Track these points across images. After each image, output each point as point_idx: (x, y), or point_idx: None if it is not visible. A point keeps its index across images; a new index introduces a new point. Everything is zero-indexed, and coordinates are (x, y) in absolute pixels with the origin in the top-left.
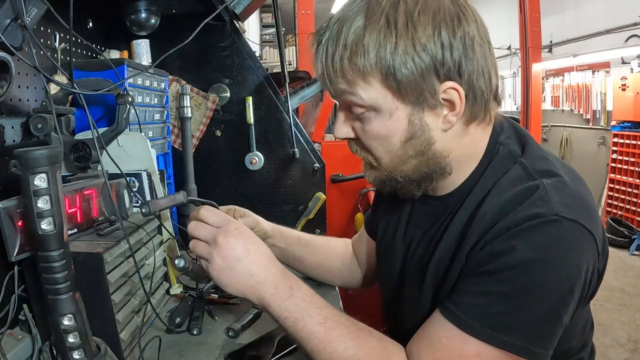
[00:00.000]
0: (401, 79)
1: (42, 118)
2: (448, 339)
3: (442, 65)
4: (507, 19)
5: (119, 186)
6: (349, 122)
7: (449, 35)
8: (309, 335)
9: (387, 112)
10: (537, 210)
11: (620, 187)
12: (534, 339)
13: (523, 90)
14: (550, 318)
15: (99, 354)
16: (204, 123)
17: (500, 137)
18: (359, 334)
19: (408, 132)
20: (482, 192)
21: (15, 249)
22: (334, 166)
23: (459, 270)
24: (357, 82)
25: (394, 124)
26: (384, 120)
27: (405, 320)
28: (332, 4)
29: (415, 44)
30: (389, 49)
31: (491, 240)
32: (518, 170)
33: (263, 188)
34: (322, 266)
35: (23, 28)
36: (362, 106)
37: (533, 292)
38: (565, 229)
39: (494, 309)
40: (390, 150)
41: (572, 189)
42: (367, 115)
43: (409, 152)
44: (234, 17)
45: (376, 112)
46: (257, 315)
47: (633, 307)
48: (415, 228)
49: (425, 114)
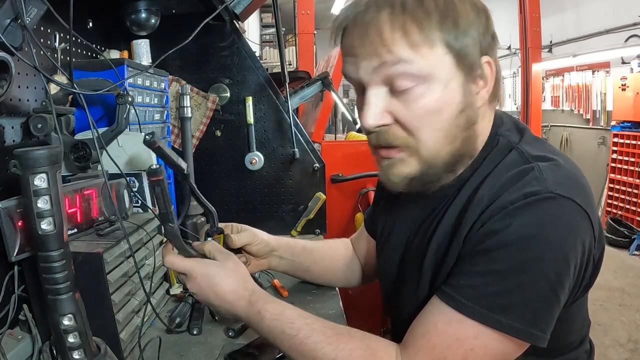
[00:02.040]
0: (463, 46)
1: (42, 118)
2: (444, 323)
3: (483, 39)
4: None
5: (119, 186)
6: (385, 103)
7: (485, 18)
8: (288, 350)
9: (444, 82)
10: (532, 189)
11: (620, 187)
12: (532, 320)
13: (523, 90)
14: (548, 298)
15: (99, 354)
16: (204, 123)
17: (501, 129)
18: (337, 337)
19: (462, 103)
20: (479, 179)
21: (15, 249)
22: (334, 166)
23: (456, 255)
24: (419, 47)
25: (449, 95)
26: (439, 91)
27: (405, 314)
28: (332, 4)
29: (469, 17)
30: (452, 18)
31: (487, 221)
32: (514, 155)
33: (263, 188)
34: (328, 272)
35: (23, 28)
36: (415, 76)
37: (529, 269)
38: (561, 206)
39: (490, 289)
40: (441, 127)
41: (567, 170)
42: (417, 89)
43: (460, 125)
44: (234, 17)
45: (429, 83)
46: None
47: (633, 307)
48: (412, 220)
49: (472, 86)
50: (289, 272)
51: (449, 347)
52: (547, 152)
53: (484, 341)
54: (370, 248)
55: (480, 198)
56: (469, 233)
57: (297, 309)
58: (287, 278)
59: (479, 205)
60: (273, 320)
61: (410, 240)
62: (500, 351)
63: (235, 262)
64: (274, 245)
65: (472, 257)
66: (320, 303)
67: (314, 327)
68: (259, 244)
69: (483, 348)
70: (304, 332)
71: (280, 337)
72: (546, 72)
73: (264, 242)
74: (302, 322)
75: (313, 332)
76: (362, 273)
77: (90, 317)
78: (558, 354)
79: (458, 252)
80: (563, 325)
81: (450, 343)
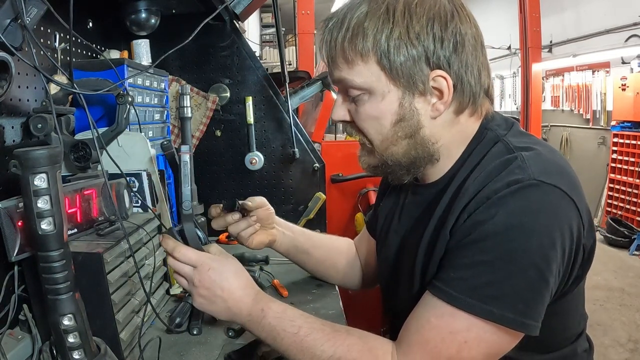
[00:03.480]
0: (394, 62)
1: (42, 118)
2: (437, 317)
3: (433, 54)
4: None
5: (119, 186)
6: (346, 105)
7: (441, 28)
8: (288, 347)
9: (380, 94)
10: (515, 177)
11: (620, 187)
12: (524, 309)
13: (523, 90)
14: (538, 285)
15: (99, 354)
16: (204, 123)
17: (490, 124)
18: (335, 335)
19: (398, 114)
20: (466, 172)
21: (15, 249)
22: (334, 166)
23: (444, 248)
24: (355, 63)
25: (386, 106)
26: (377, 102)
27: (402, 312)
28: (332, 4)
29: (409, 31)
30: (385, 34)
31: (472, 211)
32: (499, 146)
33: (263, 188)
34: (328, 261)
35: (23, 28)
36: (357, 88)
37: (517, 258)
38: (544, 192)
39: (480, 280)
40: (381, 131)
41: (551, 159)
42: (362, 97)
43: (398, 133)
44: (234, 17)
45: (370, 94)
46: None
47: (633, 307)
48: (407, 218)
49: (415, 99)
50: (291, 253)
51: (443, 340)
52: (532, 143)
53: (477, 333)
54: (371, 250)
55: (466, 189)
56: (455, 225)
57: (298, 310)
58: (287, 278)
59: (464, 196)
60: (275, 317)
61: (406, 238)
62: (494, 342)
63: (240, 266)
64: (278, 220)
65: (460, 249)
66: (320, 303)
67: (313, 326)
68: (268, 209)
69: (477, 340)
70: (304, 329)
71: (281, 334)
72: (546, 72)
73: (271, 210)
74: (302, 321)
75: (313, 330)
76: (362, 276)
77: (90, 317)
78: (554, 349)
79: (446, 244)
80: (558, 319)
81: (443, 337)
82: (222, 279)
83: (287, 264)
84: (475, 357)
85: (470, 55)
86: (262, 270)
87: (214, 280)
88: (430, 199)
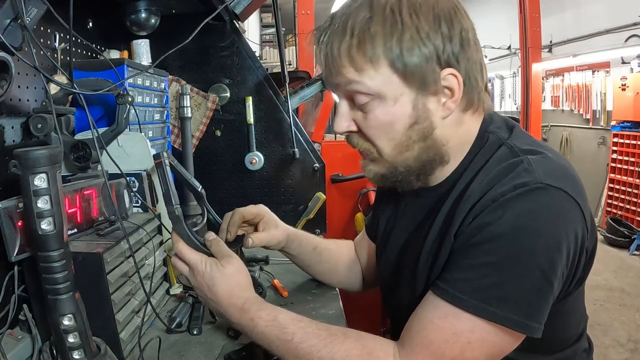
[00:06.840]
0: (408, 64)
1: (42, 118)
2: (440, 318)
3: (443, 52)
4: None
5: (119, 186)
6: (351, 114)
7: (447, 26)
8: (284, 354)
9: (392, 98)
10: (521, 180)
11: (620, 187)
12: (528, 311)
13: (523, 90)
14: (542, 288)
15: (99, 354)
16: (204, 123)
17: (490, 126)
18: (332, 339)
19: (412, 117)
20: (470, 176)
21: (15, 249)
22: (334, 166)
23: (448, 250)
24: (365, 70)
25: (399, 110)
26: (389, 106)
27: (403, 314)
28: (332, 4)
29: (419, 32)
30: (396, 37)
31: (478, 214)
32: (504, 150)
33: (263, 188)
34: (330, 273)
35: (23, 28)
36: (367, 94)
37: (522, 260)
38: (551, 196)
39: (485, 281)
40: (393, 137)
41: (557, 162)
42: (371, 104)
43: (412, 137)
44: (234, 17)
45: (380, 99)
46: None
47: (633, 307)
48: (409, 221)
49: (428, 99)
50: (291, 259)
51: (446, 341)
52: (536, 146)
53: (480, 334)
54: (370, 252)
55: (471, 192)
56: (460, 227)
57: (291, 313)
58: (287, 278)
59: (469, 199)
60: (267, 326)
61: (408, 241)
62: (497, 343)
63: (235, 268)
64: (285, 243)
65: (465, 251)
66: (320, 303)
67: (308, 331)
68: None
69: (480, 341)
70: (298, 336)
71: (275, 342)
72: (546, 72)
73: (275, 241)
74: (295, 327)
75: (307, 335)
76: (363, 277)
77: (90, 317)
78: (555, 350)
79: (450, 247)
80: (559, 320)
81: (447, 338)
82: (210, 285)
83: (287, 264)
84: (478, 357)
85: (473, 49)
86: (262, 270)
87: (205, 284)
88: (433, 202)
